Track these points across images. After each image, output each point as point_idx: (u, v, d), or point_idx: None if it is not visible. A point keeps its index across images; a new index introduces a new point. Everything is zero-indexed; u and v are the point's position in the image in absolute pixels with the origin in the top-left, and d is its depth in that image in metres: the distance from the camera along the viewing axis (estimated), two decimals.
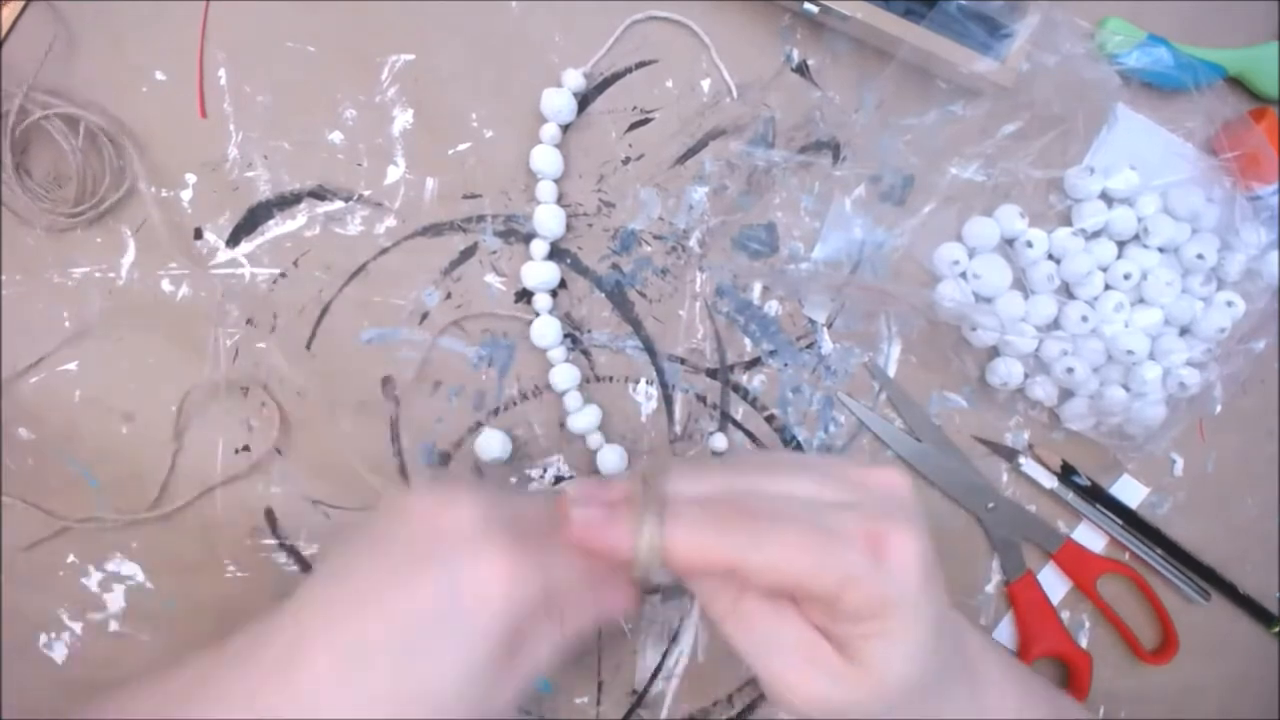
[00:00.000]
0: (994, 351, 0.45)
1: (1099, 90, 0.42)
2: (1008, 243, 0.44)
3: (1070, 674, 0.45)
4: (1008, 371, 0.43)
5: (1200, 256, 0.43)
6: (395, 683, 0.27)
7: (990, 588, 0.46)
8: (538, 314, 0.42)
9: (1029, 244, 0.43)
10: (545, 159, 0.41)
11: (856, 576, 0.25)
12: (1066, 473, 0.45)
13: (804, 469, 0.28)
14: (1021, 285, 0.44)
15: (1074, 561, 0.45)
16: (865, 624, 0.25)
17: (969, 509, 0.45)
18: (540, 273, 0.41)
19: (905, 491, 0.28)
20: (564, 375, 0.42)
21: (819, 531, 0.25)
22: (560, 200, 0.43)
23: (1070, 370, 0.43)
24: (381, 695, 0.27)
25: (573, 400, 0.42)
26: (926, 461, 0.44)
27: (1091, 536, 0.46)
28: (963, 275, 0.44)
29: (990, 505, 0.45)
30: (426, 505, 0.29)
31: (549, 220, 0.41)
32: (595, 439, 0.42)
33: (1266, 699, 0.48)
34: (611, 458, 0.42)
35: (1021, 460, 0.45)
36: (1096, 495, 0.45)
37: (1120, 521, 0.45)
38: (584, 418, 0.42)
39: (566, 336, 0.42)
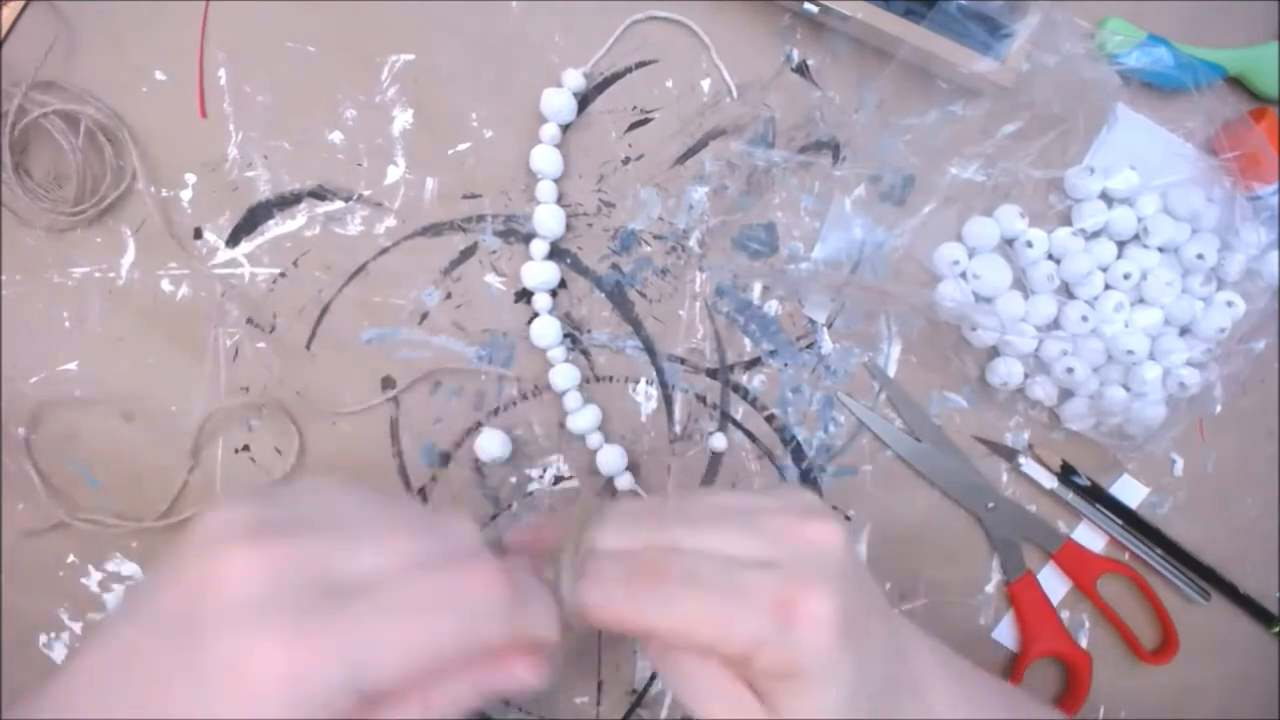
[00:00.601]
0: (994, 351, 0.45)
1: (1099, 90, 0.42)
2: (1007, 243, 0.44)
3: (1070, 674, 0.45)
4: (1008, 371, 0.43)
5: (1200, 256, 0.43)
6: None
7: (990, 587, 0.46)
8: (537, 314, 0.42)
9: (1029, 244, 0.43)
10: (545, 159, 0.41)
11: (763, 641, 0.25)
12: (1066, 473, 0.45)
13: (731, 520, 0.27)
14: (1021, 285, 0.44)
15: (1074, 561, 0.45)
16: (781, 683, 0.25)
17: (969, 509, 0.45)
18: (540, 272, 0.41)
19: (834, 546, 0.27)
20: (564, 375, 0.42)
21: (728, 597, 0.25)
22: (560, 200, 0.43)
23: (1070, 370, 0.43)
24: None
25: (573, 400, 0.42)
26: (926, 461, 0.44)
27: (1091, 536, 0.46)
28: (963, 275, 0.44)
29: (990, 505, 0.45)
30: (196, 552, 0.22)
31: (549, 220, 0.41)
32: (595, 439, 0.42)
33: (1266, 699, 0.48)
34: (611, 457, 0.42)
35: (1021, 460, 0.45)
36: (1096, 495, 0.45)
37: (1120, 521, 0.45)
38: (584, 418, 0.42)
39: (566, 336, 0.42)
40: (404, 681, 0.22)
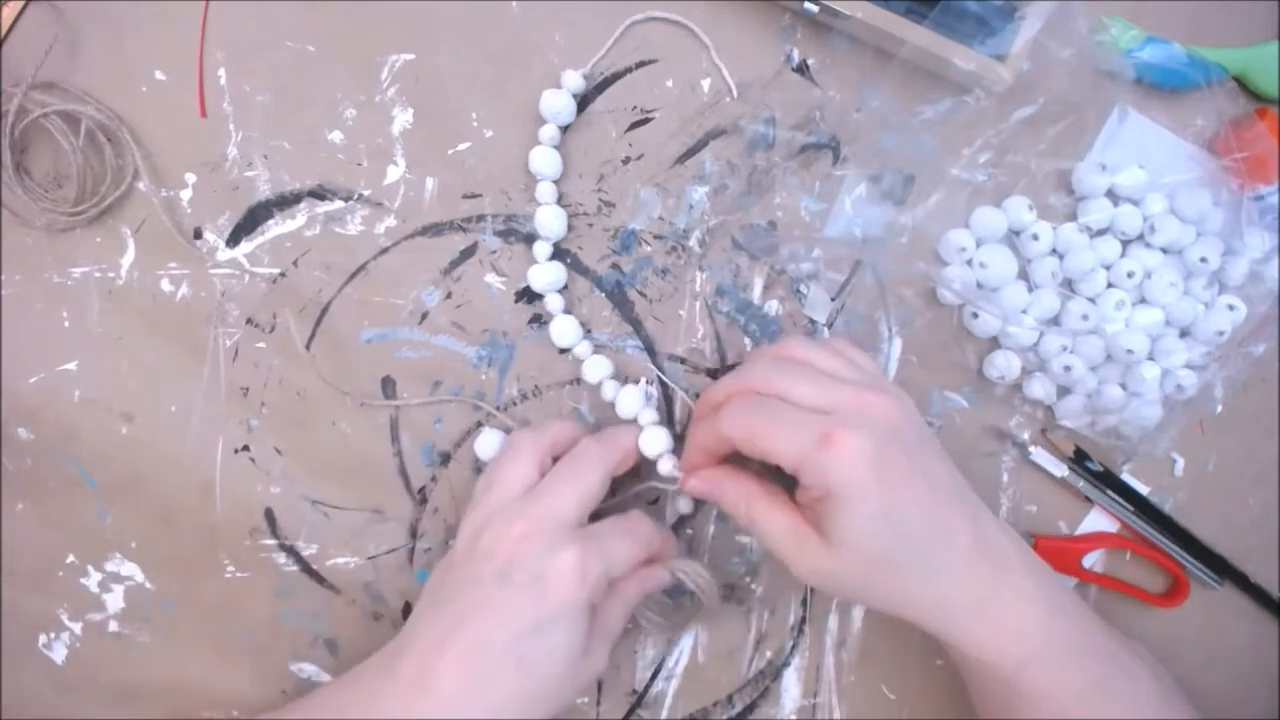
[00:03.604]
0: (993, 344, 0.45)
1: (1113, 82, 0.42)
2: (1014, 234, 0.44)
3: None
4: (1006, 365, 0.43)
5: (1204, 260, 0.43)
6: (521, 680, 0.34)
7: None
8: (549, 316, 0.42)
9: (1035, 236, 0.43)
10: (544, 160, 0.41)
11: (805, 459, 0.33)
12: (1079, 458, 0.45)
13: (813, 379, 0.35)
14: (1026, 277, 0.44)
15: (1053, 554, 0.45)
16: (823, 505, 0.33)
17: None
18: (547, 274, 0.41)
19: (882, 412, 0.34)
20: (597, 368, 0.42)
21: (790, 426, 0.33)
22: (560, 200, 0.42)
23: (1068, 368, 0.43)
24: (510, 693, 0.34)
25: (610, 390, 0.42)
26: None
27: (1103, 524, 0.46)
28: (968, 263, 0.44)
29: None
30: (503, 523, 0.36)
31: (550, 221, 0.41)
32: (648, 415, 0.42)
33: (1267, 699, 0.48)
34: (656, 439, 0.41)
35: (1031, 450, 0.45)
36: (1108, 481, 0.45)
37: (1131, 508, 0.45)
38: (628, 399, 0.41)
39: None
40: (624, 571, 0.37)
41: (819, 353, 0.37)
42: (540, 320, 0.43)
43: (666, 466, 0.40)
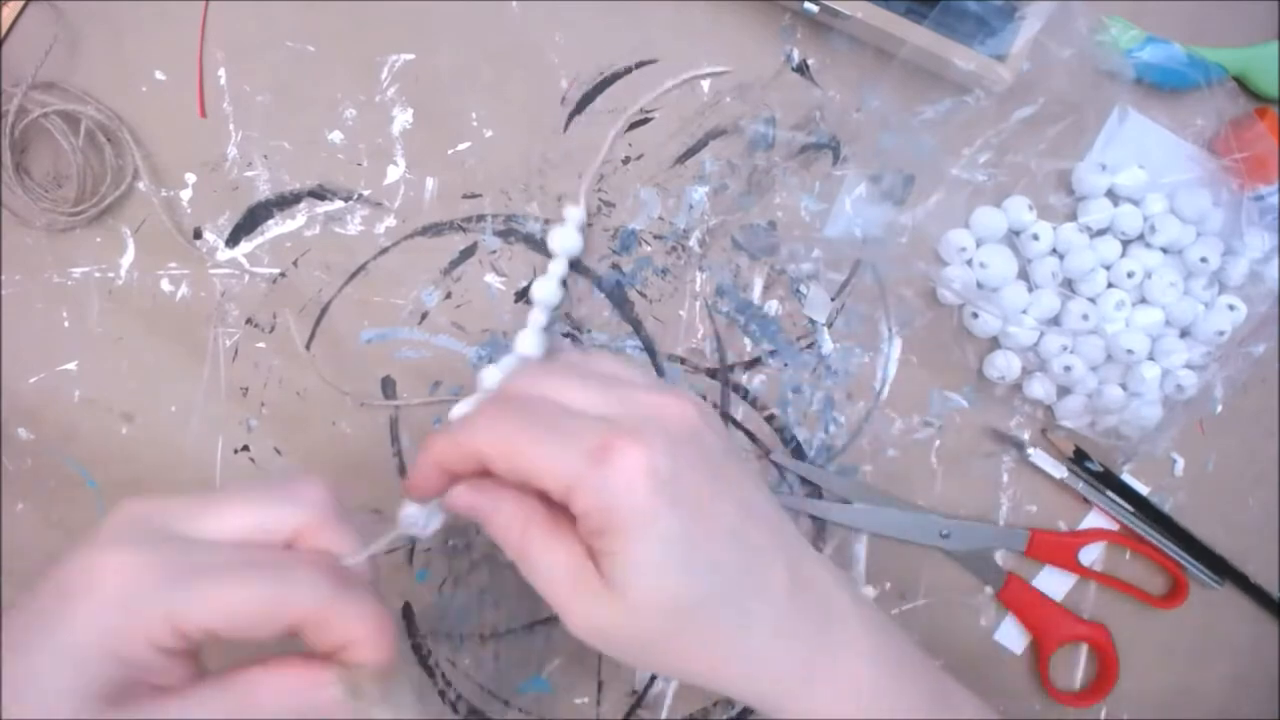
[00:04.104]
0: (994, 344, 0.45)
1: (1113, 82, 0.42)
2: (1014, 234, 0.44)
3: (1097, 652, 0.45)
4: (1006, 365, 0.43)
5: (1204, 260, 0.43)
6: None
7: (978, 601, 0.45)
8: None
9: (1035, 236, 0.43)
10: (547, 289, 0.41)
11: (579, 479, 0.25)
12: (1079, 458, 0.45)
13: (591, 380, 0.28)
14: (1026, 277, 0.44)
15: (1049, 549, 0.45)
16: (604, 539, 0.26)
17: (925, 544, 0.45)
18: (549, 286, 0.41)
19: (676, 416, 0.28)
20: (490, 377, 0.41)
21: (553, 433, 0.26)
22: (559, 200, 0.42)
23: (1068, 368, 0.43)
24: None
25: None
26: (868, 520, 0.44)
27: (1103, 525, 0.46)
28: (968, 263, 0.44)
29: (944, 533, 0.44)
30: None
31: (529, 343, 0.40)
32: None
33: (1267, 699, 0.48)
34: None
35: (1030, 451, 0.45)
36: (1108, 481, 0.45)
37: (1131, 509, 0.45)
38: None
39: (566, 335, 0.42)
40: (220, 622, 0.25)
41: (600, 358, 0.31)
42: None
43: (412, 508, 0.31)
